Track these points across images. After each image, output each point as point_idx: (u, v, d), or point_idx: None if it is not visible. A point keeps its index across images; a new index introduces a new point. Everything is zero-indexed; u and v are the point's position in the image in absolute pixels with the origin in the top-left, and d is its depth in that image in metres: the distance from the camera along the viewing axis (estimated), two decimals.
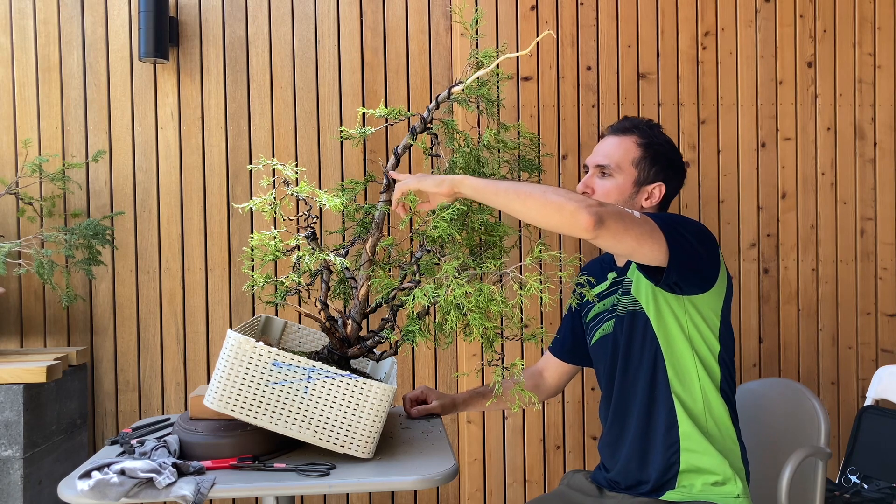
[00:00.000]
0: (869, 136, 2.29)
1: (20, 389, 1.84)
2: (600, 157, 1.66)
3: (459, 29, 2.19)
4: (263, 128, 2.21)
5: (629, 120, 1.71)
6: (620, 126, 1.69)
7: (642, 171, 1.64)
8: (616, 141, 1.67)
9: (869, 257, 2.29)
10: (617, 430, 1.64)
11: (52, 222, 2.14)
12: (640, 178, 1.64)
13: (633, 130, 1.67)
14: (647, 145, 1.65)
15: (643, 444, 1.58)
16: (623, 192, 1.64)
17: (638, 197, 1.65)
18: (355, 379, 1.42)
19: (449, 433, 2.23)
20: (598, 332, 1.71)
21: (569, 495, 1.72)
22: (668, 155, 1.67)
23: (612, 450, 1.66)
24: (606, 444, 1.68)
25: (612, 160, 1.64)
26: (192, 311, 2.20)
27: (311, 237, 1.58)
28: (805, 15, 2.27)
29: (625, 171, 1.64)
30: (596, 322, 1.72)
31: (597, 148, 1.70)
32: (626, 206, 1.57)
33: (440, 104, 1.61)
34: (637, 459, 1.59)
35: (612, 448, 1.66)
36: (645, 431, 1.59)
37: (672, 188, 1.68)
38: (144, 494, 1.30)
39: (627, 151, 1.65)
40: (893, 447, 1.97)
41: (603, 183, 1.65)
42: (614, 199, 1.63)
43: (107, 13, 2.18)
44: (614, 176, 1.64)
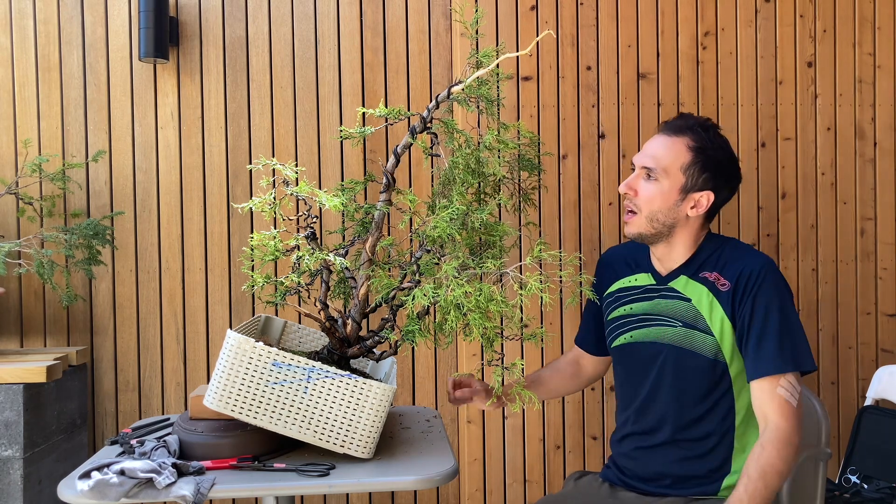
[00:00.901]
0: (869, 136, 2.29)
1: (20, 389, 1.84)
2: (647, 157, 1.56)
3: (459, 29, 2.19)
4: (263, 128, 2.22)
5: (684, 118, 1.60)
6: (674, 125, 1.58)
7: (690, 178, 1.54)
8: (667, 141, 1.56)
9: (869, 257, 2.29)
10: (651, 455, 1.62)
11: (52, 222, 2.14)
12: (687, 184, 1.54)
13: (686, 131, 1.56)
14: (699, 149, 1.54)
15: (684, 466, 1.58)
16: (667, 198, 1.55)
17: (683, 205, 1.55)
18: (355, 379, 1.42)
19: (449, 433, 2.23)
20: (623, 337, 1.65)
21: (578, 496, 1.70)
22: (721, 162, 1.56)
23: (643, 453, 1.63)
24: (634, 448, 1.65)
25: (660, 163, 1.54)
26: (192, 311, 2.20)
27: (310, 237, 1.58)
28: (805, 15, 2.27)
29: (671, 177, 1.54)
30: (621, 325, 1.67)
31: (646, 146, 1.60)
32: (669, 214, 1.55)
33: (440, 104, 1.61)
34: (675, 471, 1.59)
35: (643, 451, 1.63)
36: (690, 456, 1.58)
37: (722, 198, 1.59)
38: (144, 494, 1.30)
39: (678, 155, 1.54)
40: (893, 447, 1.97)
41: (647, 186, 1.56)
42: (657, 205, 1.55)
43: (107, 13, 2.18)
44: (660, 180, 1.55)
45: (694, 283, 1.57)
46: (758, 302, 1.49)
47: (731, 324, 1.52)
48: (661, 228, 1.57)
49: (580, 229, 2.24)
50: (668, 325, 1.58)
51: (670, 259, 1.61)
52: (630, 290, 1.67)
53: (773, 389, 1.45)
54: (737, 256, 1.56)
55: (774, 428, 1.44)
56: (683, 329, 1.55)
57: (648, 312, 1.62)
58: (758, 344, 1.48)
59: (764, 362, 1.47)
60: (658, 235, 1.58)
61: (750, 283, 1.51)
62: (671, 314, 1.58)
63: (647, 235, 1.58)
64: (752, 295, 1.50)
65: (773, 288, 1.50)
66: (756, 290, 1.50)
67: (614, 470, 1.68)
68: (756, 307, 1.49)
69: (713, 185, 1.55)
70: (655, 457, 1.60)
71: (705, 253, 1.59)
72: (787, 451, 1.42)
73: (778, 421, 1.44)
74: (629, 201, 1.59)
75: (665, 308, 1.59)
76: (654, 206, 1.55)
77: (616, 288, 1.70)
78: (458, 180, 1.71)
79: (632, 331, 1.64)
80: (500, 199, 1.78)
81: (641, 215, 1.57)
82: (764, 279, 1.50)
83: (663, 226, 1.56)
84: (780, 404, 1.44)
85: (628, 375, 1.67)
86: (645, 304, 1.62)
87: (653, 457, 1.60)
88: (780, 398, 1.44)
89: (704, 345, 1.54)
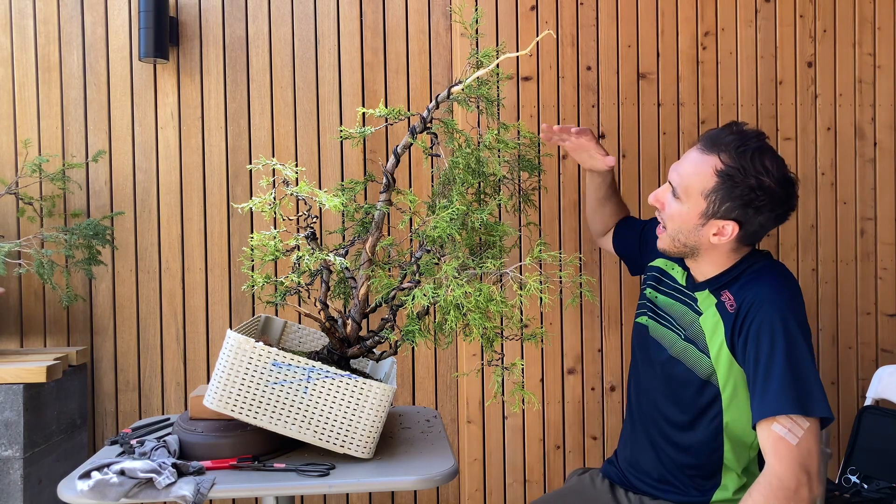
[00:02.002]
0: (869, 136, 2.29)
1: (20, 389, 1.84)
2: (675, 174, 1.46)
3: (459, 29, 2.19)
4: (263, 128, 2.21)
5: (726, 131, 1.43)
6: (711, 139, 1.43)
7: (712, 205, 1.41)
8: (697, 160, 1.43)
9: (869, 257, 2.29)
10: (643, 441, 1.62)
11: (52, 222, 2.14)
12: (708, 211, 1.42)
13: (721, 149, 1.40)
14: (726, 175, 1.38)
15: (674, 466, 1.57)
16: (686, 221, 1.45)
17: (704, 230, 1.44)
18: (355, 379, 1.42)
19: (449, 433, 2.23)
20: (643, 318, 1.64)
21: (578, 494, 1.70)
22: (753, 191, 1.38)
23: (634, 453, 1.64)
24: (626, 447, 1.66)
25: (683, 182, 1.44)
26: (192, 311, 2.20)
27: (310, 237, 1.58)
28: (805, 15, 2.27)
29: (692, 200, 1.43)
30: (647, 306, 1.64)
31: (683, 156, 1.49)
32: (690, 236, 1.46)
33: (440, 104, 1.61)
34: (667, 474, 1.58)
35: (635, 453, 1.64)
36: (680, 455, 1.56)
37: (753, 229, 1.43)
38: (144, 495, 1.30)
39: (702, 178, 1.41)
40: (893, 447, 1.97)
41: (671, 204, 1.47)
42: (678, 225, 1.46)
43: (107, 13, 2.18)
44: (682, 200, 1.45)
45: (711, 297, 1.50)
46: (761, 336, 1.37)
47: (728, 350, 1.43)
48: (684, 249, 1.50)
49: (580, 229, 2.24)
50: (675, 331, 1.55)
51: (699, 272, 1.54)
52: (664, 279, 1.63)
53: (769, 426, 1.32)
54: (753, 278, 1.45)
55: (767, 470, 1.32)
56: (683, 342, 1.52)
57: (667, 311, 1.59)
58: (759, 384, 1.36)
59: (762, 403, 1.34)
60: (682, 254, 1.52)
61: (752, 312, 1.39)
62: (680, 322, 1.55)
63: (671, 252, 1.53)
64: (753, 324, 1.39)
65: (773, 318, 1.37)
66: (756, 319, 1.38)
67: (615, 465, 1.68)
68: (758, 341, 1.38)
69: (739, 216, 1.41)
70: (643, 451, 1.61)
71: (735, 271, 1.48)
72: (778, 498, 1.27)
73: (772, 462, 1.31)
74: (659, 214, 1.53)
75: (678, 313, 1.56)
76: (675, 224, 1.47)
77: (657, 265, 1.67)
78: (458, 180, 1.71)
79: (651, 318, 1.63)
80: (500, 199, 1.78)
81: (668, 233, 1.50)
82: (763, 308, 1.38)
83: (685, 246, 1.49)
84: (774, 442, 1.30)
85: (641, 353, 1.66)
86: (668, 300, 1.60)
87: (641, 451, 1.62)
88: (775, 435, 1.30)
89: (699, 364, 1.49)
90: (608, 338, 2.24)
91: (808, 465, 1.29)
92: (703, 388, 1.49)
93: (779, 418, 1.31)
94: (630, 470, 1.64)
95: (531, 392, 1.48)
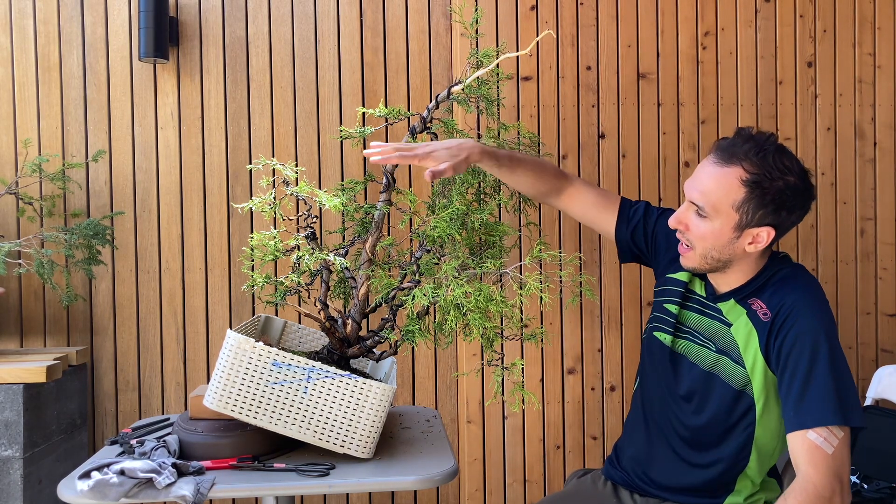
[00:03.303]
0: (869, 136, 2.29)
1: (20, 389, 1.84)
2: (696, 192, 1.40)
3: (459, 29, 2.19)
4: (263, 128, 2.22)
5: (739, 138, 1.39)
6: (727, 149, 1.39)
7: (745, 215, 1.37)
8: (717, 173, 1.38)
9: (869, 257, 2.29)
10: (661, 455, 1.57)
11: (52, 222, 2.14)
12: (742, 222, 1.38)
13: (740, 158, 1.37)
14: (754, 183, 1.35)
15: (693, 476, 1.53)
16: (720, 237, 1.40)
17: (740, 242, 1.41)
18: (355, 379, 1.42)
19: (449, 433, 2.23)
20: (659, 333, 1.58)
21: (580, 496, 1.68)
22: (783, 192, 1.36)
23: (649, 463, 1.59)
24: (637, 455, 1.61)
25: (709, 200, 1.38)
26: (192, 311, 2.20)
27: (310, 237, 1.58)
28: (805, 15, 2.27)
29: (723, 215, 1.38)
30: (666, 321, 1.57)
31: (697, 172, 1.43)
32: (724, 251, 1.42)
33: (440, 104, 1.61)
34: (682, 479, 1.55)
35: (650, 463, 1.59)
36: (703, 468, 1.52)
37: (786, 228, 1.43)
38: (144, 495, 1.30)
39: (729, 191, 1.37)
40: (893, 447, 1.97)
41: (698, 224, 1.41)
42: (710, 244, 1.41)
43: (107, 13, 2.18)
44: (711, 218, 1.39)
45: (739, 307, 1.47)
46: (796, 345, 1.35)
47: (763, 359, 1.41)
48: (718, 264, 1.45)
49: (580, 229, 2.24)
50: (706, 346, 1.51)
51: (724, 283, 1.50)
52: (684, 291, 1.57)
53: (805, 436, 1.30)
54: (783, 285, 1.43)
55: (801, 478, 1.29)
56: (716, 354, 1.48)
57: (692, 328, 1.54)
58: (795, 395, 1.33)
59: (798, 415, 1.32)
60: (714, 269, 1.47)
61: (790, 319, 1.37)
62: (710, 336, 1.50)
63: (702, 270, 1.49)
64: (790, 333, 1.37)
65: (815, 327, 1.35)
66: (794, 327, 1.36)
67: (618, 468, 1.66)
68: (793, 350, 1.36)
69: (772, 221, 1.38)
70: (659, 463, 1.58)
71: (761, 279, 1.46)
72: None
73: (806, 470, 1.29)
74: (681, 235, 1.47)
75: (707, 328, 1.51)
76: (706, 244, 1.42)
77: (682, 278, 1.59)
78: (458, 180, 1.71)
79: (665, 332, 1.57)
80: (500, 199, 1.78)
81: (696, 252, 1.45)
82: (802, 314, 1.36)
83: (719, 262, 1.45)
84: (810, 451, 1.29)
85: (653, 371, 1.60)
86: (689, 315, 1.54)
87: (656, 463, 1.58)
88: (811, 444, 1.29)
89: (734, 375, 1.45)
90: (608, 338, 2.24)
91: (842, 473, 1.29)
92: (738, 400, 1.45)
93: (816, 428, 1.30)
94: (641, 475, 1.60)
95: (531, 392, 1.48)
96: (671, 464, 1.56)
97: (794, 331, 1.36)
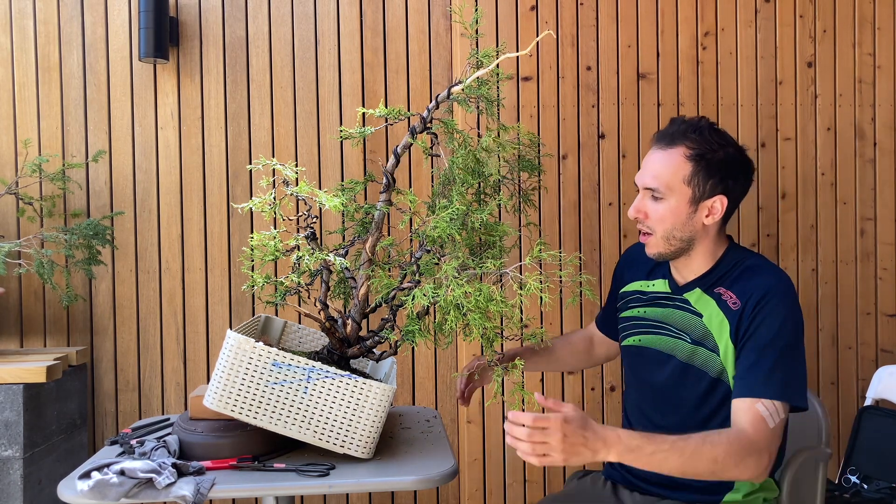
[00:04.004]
0: (869, 136, 2.29)
1: (20, 389, 1.84)
2: (648, 178, 1.50)
3: (459, 29, 2.19)
4: (263, 128, 2.22)
5: (675, 125, 1.51)
6: (667, 135, 1.51)
7: (697, 188, 1.47)
8: (663, 156, 1.49)
9: (869, 257, 2.29)
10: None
11: (52, 222, 2.14)
12: (695, 195, 1.47)
13: (680, 139, 1.48)
14: (698, 156, 1.46)
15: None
16: (678, 214, 1.48)
17: (697, 216, 1.49)
18: (355, 379, 1.42)
19: (449, 433, 2.23)
20: (633, 339, 1.63)
21: (580, 496, 1.69)
22: (725, 161, 1.47)
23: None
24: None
25: (661, 181, 1.47)
26: (192, 311, 2.20)
27: (310, 237, 1.58)
28: (805, 15, 2.27)
29: (677, 192, 1.47)
30: (633, 326, 1.64)
31: (644, 163, 1.53)
32: (685, 228, 1.49)
33: (440, 104, 1.61)
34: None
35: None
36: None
37: (736, 195, 1.51)
38: (144, 495, 1.30)
39: (677, 169, 1.47)
40: (893, 447, 1.97)
41: (656, 208, 1.49)
42: (670, 223, 1.49)
43: (107, 13, 2.18)
44: (666, 198, 1.48)
45: (706, 297, 1.52)
46: (763, 324, 1.42)
47: (733, 346, 1.46)
48: (681, 244, 1.51)
49: (580, 229, 2.24)
50: (678, 337, 1.55)
51: (688, 269, 1.56)
52: (645, 294, 1.64)
53: (753, 405, 1.36)
54: (752, 274, 1.49)
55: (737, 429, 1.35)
56: (691, 345, 1.52)
57: (660, 320, 1.59)
58: (751, 365, 1.40)
59: (750, 384, 1.38)
60: (679, 252, 1.53)
61: (760, 305, 1.43)
62: (682, 327, 1.54)
63: (668, 254, 1.54)
64: (758, 315, 1.43)
65: (781, 312, 1.42)
66: (762, 311, 1.42)
67: (618, 468, 1.67)
68: (760, 328, 1.42)
69: (723, 188, 1.48)
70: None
71: (724, 266, 1.53)
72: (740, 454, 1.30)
73: (745, 428, 1.34)
74: (641, 224, 1.54)
75: (677, 320, 1.56)
76: (667, 224, 1.49)
77: (632, 289, 1.68)
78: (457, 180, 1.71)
79: (642, 334, 1.62)
80: (500, 199, 1.78)
81: (657, 235, 1.52)
82: (770, 301, 1.43)
83: (681, 241, 1.51)
84: (754, 419, 1.34)
85: (634, 376, 1.66)
86: (658, 311, 1.60)
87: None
88: (756, 413, 1.35)
89: (710, 363, 1.49)
90: None
91: (773, 447, 1.35)
92: (715, 388, 1.49)
93: (764, 401, 1.36)
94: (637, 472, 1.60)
95: (531, 392, 1.48)
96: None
97: (761, 314, 1.43)
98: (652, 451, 1.27)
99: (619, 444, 1.25)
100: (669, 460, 1.28)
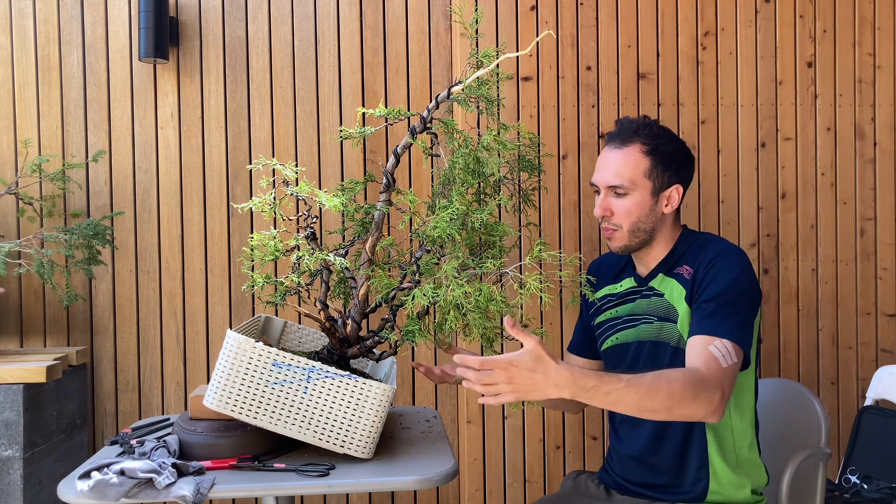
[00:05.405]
0: (869, 136, 2.29)
1: (20, 389, 1.84)
2: (610, 176, 1.59)
3: (459, 29, 2.19)
4: (263, 128, 2.22)
5: (626, 125, 1.62)
6: (620, 135, 1.61)
7: (657, 180, 1.58)
8: (621, 155, 1.59)
9: (869, 257, 2.29)
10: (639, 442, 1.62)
11: (52, 222, 2.14)
12: (655, 187, 1.58)
13: (633, 137, 1.59)
14: (653, 151, 1.58)
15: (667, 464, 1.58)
16: (643, 206, 1.58)
17: (658, 206, 1.60)
18: (355, 379, 1.42)
19: (449, 433, 2.23)
20: (611, 339, 1.68)
21: (575, 497, 1.71)
22: (676, 154, 1.61)
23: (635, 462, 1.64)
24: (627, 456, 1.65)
25: (624, 178, 1.57)
26: (192, 311, 2.20)
27: (310, 237, 1.58)
28: (805, 15, 2.27)
29: (640, 186, 1.58)
30: (608, 328, 1.69)
31: (600, 164, 1.63)
32: (649, 219, 1.58)
33: (440, 104, 1.61)
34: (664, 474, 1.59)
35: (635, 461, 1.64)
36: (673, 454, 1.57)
37: (687, 185, 1.64)
38: (144, 495, 1.30)
39: (636, 164, 1.58)
40: (893, 447, 1.96)
41: (621, 203, 1.58)
42: (636, 216, 1.58)
43: (107, 13, 2.18)
44: (630, 193, 1.58)
45: (668, 278, 1.60)
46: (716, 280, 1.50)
47: (688, 307, 1.53)
48: (644, 236, 1.60)
49: (580, 229, 2.24)
50: (646, 321, 1.61)
51: (650, 258, 1.64)
52: (615, 295, 1.70)
53: (706, 344, 1.42)
54: (704, 244, 1.59)
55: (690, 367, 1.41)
56: (658, 323, 1.59)
57: (631, 313, 1.65)
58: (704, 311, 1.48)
59: (704, 324, 1.46)
60: (642, 243, 1.61)
61: (711, 264, 1.53)
62: (649, 311, 1.61)
63: (633, 246, 1.61)
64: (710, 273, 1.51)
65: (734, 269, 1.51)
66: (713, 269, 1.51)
67: (611, 473, 1.69)
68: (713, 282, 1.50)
69: (678, 178, 1.61)
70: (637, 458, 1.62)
71: (681, 249, 1.62)
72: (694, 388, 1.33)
73: (698, 365, 1.40)
74: (606, 222, 1.61)
75: (644, 307, 1.62)
76: (633, 217, 1.58)
77: (603, 294, 1.73)
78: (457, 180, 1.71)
79: (617, 332, 1.67)
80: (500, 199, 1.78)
81: (623, 230, 1.59)
82: (721, 260, 1.52)
83: (645, 232, 1.60)
84: (707, 358, 1.40)
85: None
86: (629, 306, 1.66)
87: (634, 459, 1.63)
88: (710, 353, 1.41)
89: (672, 334, 1.56)
90: None
91: (727, 386, 1.39)
92: (675, 357, 1.54)
93: (716, 342, 1.42)
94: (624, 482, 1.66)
95: None
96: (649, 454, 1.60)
97: (713, 272, 1.52)
98: (607, 390, 1.29)
99: (574, 385, 1.27)
100: (626, 398, 1.30)
